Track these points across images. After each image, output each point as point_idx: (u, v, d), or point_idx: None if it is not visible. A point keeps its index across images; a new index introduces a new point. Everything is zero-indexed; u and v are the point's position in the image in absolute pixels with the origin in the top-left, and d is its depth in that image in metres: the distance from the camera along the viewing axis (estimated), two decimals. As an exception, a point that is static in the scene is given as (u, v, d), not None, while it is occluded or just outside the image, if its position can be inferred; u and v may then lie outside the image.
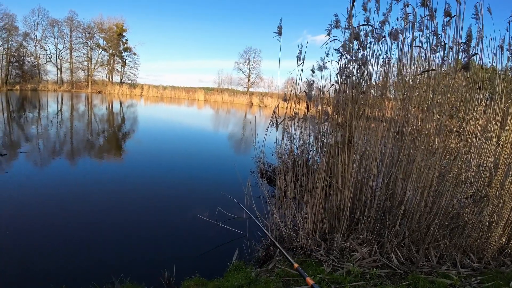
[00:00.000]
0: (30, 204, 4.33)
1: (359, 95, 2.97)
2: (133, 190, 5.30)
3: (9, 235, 3.44)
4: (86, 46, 38.13)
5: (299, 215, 3.20)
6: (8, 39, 29.97)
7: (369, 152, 3.05)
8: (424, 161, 2.95)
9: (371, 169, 3.05)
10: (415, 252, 2.92)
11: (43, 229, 3.67)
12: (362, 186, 3.11)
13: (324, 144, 3.08)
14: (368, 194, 3.11)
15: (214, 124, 16.78)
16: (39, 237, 3.47)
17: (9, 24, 29.55)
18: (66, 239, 3.47)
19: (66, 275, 2.76)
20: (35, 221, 3.82)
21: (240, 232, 3.74)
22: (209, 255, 3.32)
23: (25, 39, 32.22)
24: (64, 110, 18.02)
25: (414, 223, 2.98)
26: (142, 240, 3.61)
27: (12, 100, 20.39)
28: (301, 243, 3.01)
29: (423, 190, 2.95)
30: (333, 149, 2.96)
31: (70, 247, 3.30)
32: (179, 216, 4.38)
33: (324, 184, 2.95)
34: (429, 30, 3.13)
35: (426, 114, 3.08)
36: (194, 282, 2.47)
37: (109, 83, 39.24)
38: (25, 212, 4.06)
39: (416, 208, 2.97)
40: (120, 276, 2.62)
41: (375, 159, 3.03)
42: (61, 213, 4.12)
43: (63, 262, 3.02)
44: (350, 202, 3.02)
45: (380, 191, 3.07)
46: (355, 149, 2.95)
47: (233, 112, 25.31)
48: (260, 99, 36.02)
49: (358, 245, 3.02)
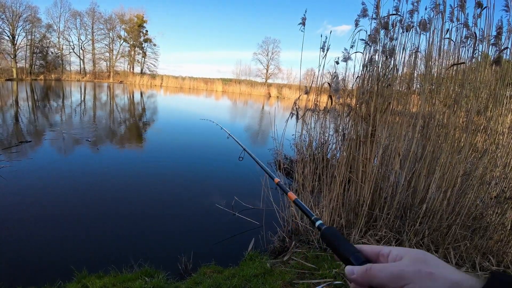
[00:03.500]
0: (48, 191, 4.54)
1: (384, 88, 2.86)
2: (152, 178, 5.46)
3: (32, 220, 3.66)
4: (107, 37, 39.10)
5: (316, 209, 3.18)
6: (31, 30, 31.10)
7: (392, 147, 2.95)
8: (449, 158, 2.82)
9: (393, 165, 2.96)
10: (435, 252, 2.83)
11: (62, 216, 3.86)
12: (383, 182, 3.03)
13: (345, 138, 3.01)
14: (388, 190, 3.02)
15: (231, 115, 16.84)
16: (61, 223, 3.65)
17: (32, 15, 30.62)
18: (86, 225, 3.62)
19: (87, 259, 2.88)
20: (54, 208, 4.00)
21: (256, 222, 3.77)
22: (225, 244, 3.38)
23: (48, 30, 33.41)
24: (87, 100, 18.68)
25: (435, 222, 2.88)
26: (160, 227, 3.72)
27: (37, 90, 21.30)
28: (317, 237, 3.00)
29: (447, 188, 2.83)
30: (354, 143, 2.88)
31: (90, 233, 3.44)
32: (196, 205, 4.48)
33: (343, 179, 2.90)
34: (460, 21, 2.95)
35: (453, 110, 2.93)
36: (210, 269, 2.52)
37: (130, 74, 40.18)
38: (44, 198, 4.27)
39: (438, 207, 2.87)
40: (139, 260, 2.73)
41: (398, 154, 2.94)
42: (80, 200, 4.31)
43: (82, 247, 3.16)
44: (370, 198, 2.96)
45: (402, 187, 2.98)
46: (377, 143, 2.86)
47: (250, 103, 25.27)
48: (278, 90, 35.71)
49: (375, 242, 2.96)
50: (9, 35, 28.66)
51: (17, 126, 8.95)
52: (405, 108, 3.17)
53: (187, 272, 2.75)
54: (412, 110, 3.20)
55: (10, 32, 28.70)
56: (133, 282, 2.14)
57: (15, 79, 25.84)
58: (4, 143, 6.64)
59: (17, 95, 16.97)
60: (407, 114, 3.20)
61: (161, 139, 9.12)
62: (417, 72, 3.38)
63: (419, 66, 3.31)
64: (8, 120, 9.87)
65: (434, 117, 3.08)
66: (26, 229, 3.38)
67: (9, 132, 8.08)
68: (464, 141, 2.87)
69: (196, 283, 2.26)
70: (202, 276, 2.38)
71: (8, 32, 28.54)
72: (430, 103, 3.09)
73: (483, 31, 2.80)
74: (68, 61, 36.71)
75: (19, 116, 10.49)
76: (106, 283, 2.10)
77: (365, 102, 2.91)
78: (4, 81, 23.59)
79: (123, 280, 2.19)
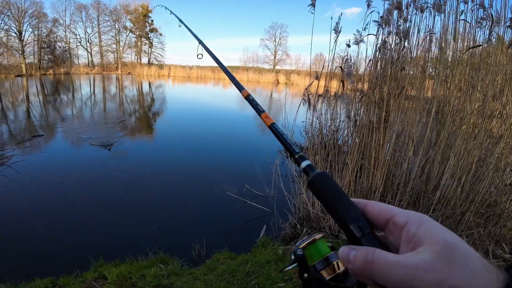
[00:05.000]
0: (61, 182, 4.67)
1: (398, 71, 2.77)
2: (163, 167, 5.56)
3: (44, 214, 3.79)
4: (113, 28, 39.01)
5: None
6: (38, 25, 31.24)
7: (406, 133, 2.88)
8: (464, 144, 2.74)
9: (406, 151, 2.90)
10: None
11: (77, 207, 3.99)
12: (395, 168, 2.99)
13: (357, 124, 2.96)
14: (402, 177, 2.98)
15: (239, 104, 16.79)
16: (75, 213, 3.76)
17: (37, 11, 30.68)
18: (100, 215, 3.72)
19: (103, 248, 2.96)
20: (68, 199, 4.11)
21: (267, 209, 3.79)
22: (237, 231, 3.44)
23: (54, 24, 33.47)
24: (96, 92, 18.90)
25: (449, 209, 2.84)
26: (173, 215, 3.81)
27: (47, 84, 21.61)
28: (328, 223, 3.01)
29: (461, 175, 2.78)
30: (367, 129, 2.83)
31: (105, 222, 3.54)
32: (208, 193, 4.54)
33: (355, 165, 2.87)
34: (475, 2, 2.80)
35: (468, 94, 2.83)
36: (223, 256, 2.58)
37: (138, 65, 40.24)
38: (58, 190, 4.40)
39: (452, 194, 2.82)
40: (153, 248, 2.80)
41: (411, 140, 2.87)
42: (93, 191, 4.43)
43: (98, 236, 3.25)
44: (382, 184, 2.93)
45: (415, 174, 2.93)
46: (391, 129, 2.81)
47: (258, 91, 25.05)
48: (287, 77, 35.16)
49: (388, 229, 2.95)
50: (16, 32, 28.91)
51: (30, 120, 9.17)
52: (419, 93, 3.07)
53: (201, 259, 2.82)
54: (426, 95, 3.10)
55: (17, 28, 28.93)
56: (149, 269, 2.21)
57: (25, 75, 26.19)
58: (17, 138, 6.83)
59: (27, 91, 17.28)
60: (421, 99, 3.11)
61: (171, 129, 9.21)
62: (432, 55, 3.26)
63: (433, 50, 3.19)
64: (21, 115, 10.12)
65: (449, 102, 2.98)
66: (42, 221, 3.51)
67: (22, 127, 8.29)
68: (479, 127, 2.78)
69: (210, 269, 2.31)
70: (215, 262, 2.44)
71: (15, 28, 28.77)
72: (444, 88, 2.99)
73: (499, 13, 2.66)
74: (76, 55, 36.95)
75: (31, 111, 10.72)
76: (122, 271, 2.17)
77: (378, 87, 2.83)
78: (14, 77, 23.97)
79: (139, 267, 2.26)
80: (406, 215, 0.29)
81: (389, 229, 0.31)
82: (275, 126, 0.47)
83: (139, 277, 2.15)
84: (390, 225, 0.30)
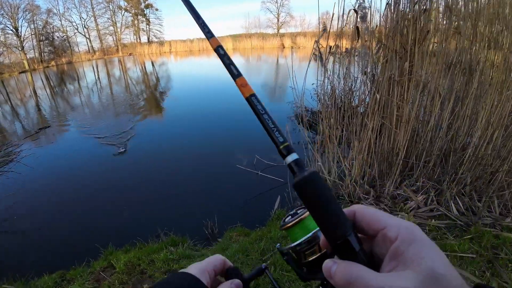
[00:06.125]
0: (69, 171, 4.65)
1: (422, 13, 2.32)
2: (170, 145, 5.42)
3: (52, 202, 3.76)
4: (108, 10, 37.73)
5: (344, 161, 2.90)
6: (33, 19, 30.70)
7: (431, 86, 2.48)
8: (497, 95, 2.34)
9: (433, 107, 2.52)
10: (477, 202, 2.53)
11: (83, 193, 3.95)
12: (420, 126, 2.64)
13: (375, 79, 2.58)
14: (427, 135, 2.64)
15: (245, 73, 16.17)
16: (82, 200, 3.74)
17: (30, 4, 30.12)
18: (107, 199, 3.69)
19: (112, 234, 2.90)
20: (75, 187, 4.07)
21: (280, 180, 3.60)
22: (250, 204, 3.28)
23: (49, 15, 32.84)
24: (101, 77, 18.66)
25: (480, 169, 2.53)
26: (183, 194, 3.69)
27: (51, 76, 21.52)
28: (347, 190, 2.77)
29: (493, 131, 2.42)
30: (387, 84, 2.46)
31: (112, 207, 3.48)
32: (217, 167, 4.37)
33: (374, 126, 2.54)
34: None
35: (501, 39, 2.36)
36: (236, 233, 2.43)
37: (138, 44, 39.30)
38: (66, 180, 4.39)
39: (482, 152, 2.49)
40: (164, 229, 2.69)
41: (438, 94, 2.48)
42: (100, 174, 4.40)
43: (106, 222, 3.20)
44: (405, 145, 2.61)
45: (442, 132, 2.58)
46: (414, 82, 2.42)
47: (264, 58, 24.02)
48: (292, 40, 33.36)
49: (412, 192, 2.69)
50: (12, 29, 28.51)
51: (40, 114, 9.18)
52: (446, 41, 2.59)
53: (214, 237, 2.70)
54: (454, 43, 2.63)
55: (13, 25, 28.48)
56: (158, 254, 2.10)
57: (28, 70, 26.13)
58: (29, 132, 6.84)
59: (33, 86, 17.27)
60: (449, 47, 2.65)
61: (176, 106, 8.99)
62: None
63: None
64: (31, 110, 10.15)
65: (478, 50, 2.53)
66: (52, 212, 3.51)
67: (32, 121, 8.30)
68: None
69: (222, 249, 2.18)
70: (228, 240, 2.30)
71: (10, 26, 28.34)
72: (474, 35, 2.52)
73: None
74: (76, 42, 36.49)
75: (40, 105, 10.73)
76: (130, 258, 2.07)
77: (398, 33, 2.39)
78: (18, 74, 23.95)
79: (148, 252, 2.15)
80: (397, 228, 0.28)
81: (378, 240, 0.29)
82: (254, 100, 0.35)
83: (148, 263, 2.04)
84: (379, 237, 0.29)
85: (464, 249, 2.11)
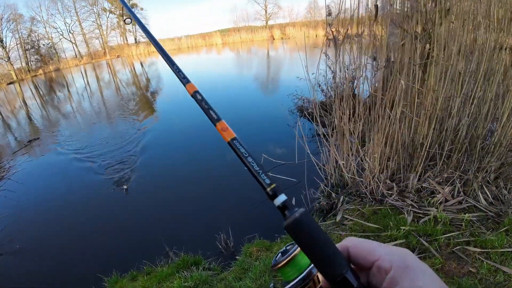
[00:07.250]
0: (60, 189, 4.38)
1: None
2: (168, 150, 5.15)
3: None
4: (92, 13, 36.77)
5: (364, 155, 2.67)
6: (17, 28, 29.97)
7: (454, 68, 2.24)
8: None
9: (456, 91, 2.29)
10: (504, 189, 2.34)
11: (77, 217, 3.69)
12: (443, 113, 2.41)
13: (391, 64, 2.34)
14: (451, 123, 2.42)
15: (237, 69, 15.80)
16: (77, 223, 3.52)
17: (13, 13, 29.46)
18: (108, 216, 3.48)
19: (116, 259, 2.68)
20: (66, 211, 3.84)
21: (292, 179, 3.35)
22: (262, 210, 3.03)
23: (33, 23, 32.05)
24: (90, 82, 18.13)
25: (510, 155, 2.33)
26: (189, 206, 3.45)
27: (40, 85, 20.92)
28: (370, 188, 2.55)
29: None
30: (406, 69, 2.21)
31: (115, 227, 3.26)
32: (220, 175, 4.06)
33: (396, 115, 2.31)
34: None
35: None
36: (256, 247, 2.18)
37: (125, 46, 38.43)
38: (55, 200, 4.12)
39: (510, 137, 2.28)
40: (173, 248, 2.45)
41: (464, 75, 2.24)
42: (96, 191, 4.11)
43: (109, 245, 2.95)
44: (430, 135, 2.39)
45: (467, 120, 2.36)
46: (437, 65, 2.17)
47: (254, 51, 23.54)
48: (282, 31, 32.83)
49: (437, 184, 2.48)
50: None
51: (32, 124, 8.81)
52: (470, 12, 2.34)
53: (229, 251, 2.47)
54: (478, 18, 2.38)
55: None
56: (171, 281, 1.84)
57: (16, 81, 25.44)
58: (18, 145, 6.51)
59: (23, 96, 16.72)
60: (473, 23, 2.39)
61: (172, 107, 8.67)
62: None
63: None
64: (22, 121, 9.77)
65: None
66: (53, 228, 3.25)
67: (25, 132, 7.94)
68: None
69: (244, 269, 1.94)
70: (248, 258, 2.06)
71: None
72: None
73: None
74: (62, 49, 35.61)
75: (30, 115, 10.33)
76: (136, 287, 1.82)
77: (417, 12, 2.14)
78: (6, 86, 23.35)
79: (158, 279, 1.90)
80: (390, 258, 0.28)
81: (373, 271, 0.29)
82: (237, 144, 0.34)
83: (161, 294, 1.81)
84: (374, 268, 0.29)
85: (501, 244, 1.93)
